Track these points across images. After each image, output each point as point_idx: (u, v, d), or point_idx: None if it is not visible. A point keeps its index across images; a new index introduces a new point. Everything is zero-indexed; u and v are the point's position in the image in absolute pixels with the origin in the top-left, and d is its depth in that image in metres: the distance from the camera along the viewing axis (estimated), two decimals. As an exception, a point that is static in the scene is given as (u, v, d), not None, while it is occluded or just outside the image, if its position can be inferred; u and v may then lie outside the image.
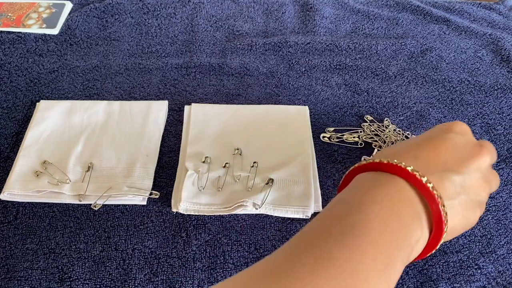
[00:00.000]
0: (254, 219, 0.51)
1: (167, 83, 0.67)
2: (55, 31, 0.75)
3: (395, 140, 0.59)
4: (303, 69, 0.71)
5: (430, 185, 0.34)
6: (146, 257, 0.47)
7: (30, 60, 0.70)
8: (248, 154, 0.56)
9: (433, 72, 0.72)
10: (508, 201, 0.54)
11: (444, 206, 0.34)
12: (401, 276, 0.47)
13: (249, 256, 0.48)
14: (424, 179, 0.34)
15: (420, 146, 0.38)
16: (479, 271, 0.47)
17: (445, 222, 0.34)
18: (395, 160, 0.35)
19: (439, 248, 0.49)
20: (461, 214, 0.37)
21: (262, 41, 0.75)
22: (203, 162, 0.55)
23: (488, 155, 0.40)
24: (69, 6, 0.81)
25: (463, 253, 0.49)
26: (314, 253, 0.29)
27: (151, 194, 0.52)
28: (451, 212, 0.35)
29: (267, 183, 0.53)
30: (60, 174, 0.52)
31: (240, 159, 0.56)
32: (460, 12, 0.85)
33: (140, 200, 0.52)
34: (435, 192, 0.34)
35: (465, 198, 0.37)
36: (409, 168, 0.34)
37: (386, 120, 0.63)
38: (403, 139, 0.60)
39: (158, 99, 0.64)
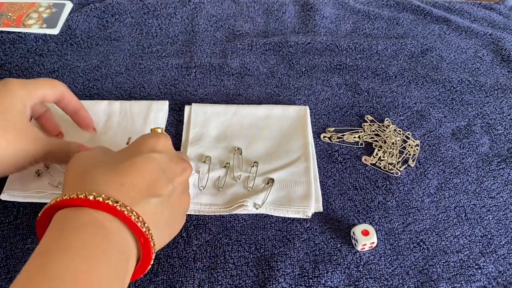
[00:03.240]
0: (255, 219, 0.51)
1: (168, 83, 0.67)
2: (55, 31, 0.75)
3: (396, 140, 0.59)
4: (304, 69, 0.71)
5: (133, 216, 0.34)
6: (146, 257, 0.47)
7: (30, 60, 0.70)
8: (249, 154, 0.56)
9: (434, 72, 0.72)
10: (508, 201, 0.54)
11: (150, 231, 0.35)
12: (402, 276, 0.47)
13: (250, 256, 0.48)
14: (126, 211, 0.33)
15: (125, 172, 0.36)
16: (479, 271, 0.47)
17: (153, 246, 0.35)
18: (94, 194, 0.33)
19: (440, 248, 0.49)
20: (168, 231, 0.40)
21: (263, 41, 0.75)
22: (204, 162, 0.55)
23: (190, 169, 0.44)
24: (69, 6, 0.81)
25: (463, 253, 0.49)
26: None
27: (151, 194, 0.52)
28: (158, 233, 0.36)
29: (267, 183, 0.53)
30: (61, 175, 0.52)
31: (241, 159, 0.56)
32: (460, 12, 0.85)
33: (140, 200, 0.52)
34: (139, 223, 0.34)
35: (169, 214, 0.39)
36: (109, 202, 0.33)
37: (387, 120, 0.63)
38: (404, 139, 0.60)
39: (158, 99, 0.64)
